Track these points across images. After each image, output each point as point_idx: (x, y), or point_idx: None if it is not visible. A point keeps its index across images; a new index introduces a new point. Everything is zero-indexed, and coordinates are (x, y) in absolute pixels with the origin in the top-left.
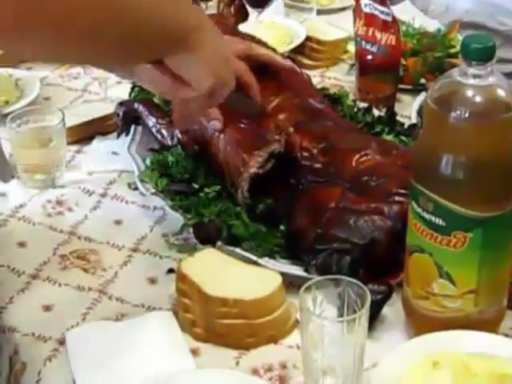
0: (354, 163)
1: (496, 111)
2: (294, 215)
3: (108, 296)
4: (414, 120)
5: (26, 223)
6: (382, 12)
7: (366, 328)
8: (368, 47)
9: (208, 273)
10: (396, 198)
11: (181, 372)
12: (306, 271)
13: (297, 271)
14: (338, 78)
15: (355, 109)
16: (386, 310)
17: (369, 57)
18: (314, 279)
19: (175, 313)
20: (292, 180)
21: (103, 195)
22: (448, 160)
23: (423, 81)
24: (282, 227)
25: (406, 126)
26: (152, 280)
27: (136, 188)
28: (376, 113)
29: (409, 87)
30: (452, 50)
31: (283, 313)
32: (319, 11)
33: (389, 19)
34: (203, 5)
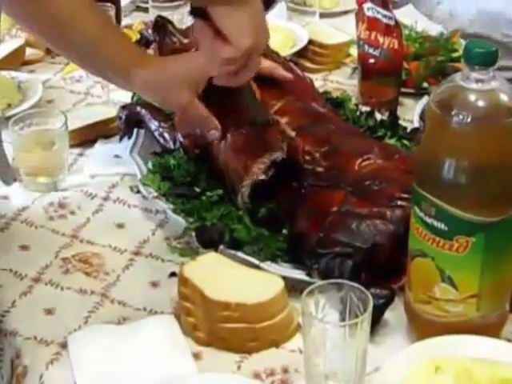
0: (357, 167)
1: (498, 116)
2: (296, 219)
3: (110, 299)
4: (417, 124)
5: (29, 226)
6: (385, 16)
7: (368, 332)
8: (370, 51)
9: (210, 277)
10: (398, 203)
11: (183, 376)
12: (308, 275)
13: (299, 275)
14: (341, 82)
15: (357, 113)
16: (388, 315)
17: (371, 60)
18: (316, 283)
19: (177, 316)
20: (294, 184)
21: (105, 198)
22: (450, 164)
23: (426, 85)
24: (285, 231)
25: (409, 130)
26: (154, 284)
27: (138, 191)
28: (378, 117)
29: (411, 91)
30: (454, 54)
31: (285, 317)
32: (322, 14)
33: (391, 23)
34: None
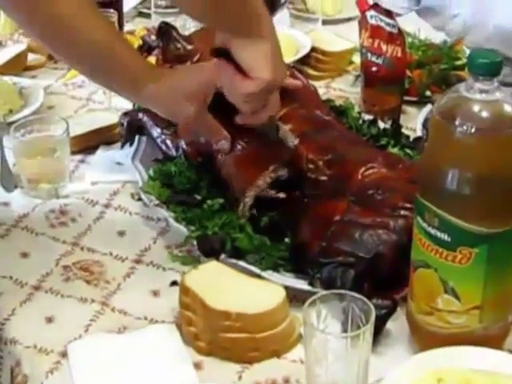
0: (360, 176)
1: (502, 126)
2: (299, 228)
3: (111, 308)
4: (420, 132)
5: (29, 233)
6: (388, 24)
7: (371, 343)
8: (373, 59)
9: (211, 286)
10: (401, 212)
11: None
12: (311, 285)
13: (301, 285)
14: (344, 90)
15: (360, 121)
16: (391, 325)
17: (374, 68)
18: (318, 294)
19: (178, 326)
20: (297, 193)
21: (107, 206)
22: (454, 175)
23: (429, 93)
24: (287, 240)
25: (412, 139)
26: (155, 292)
27: (140, 199)
28: (381, 125)
29: (414, 99)
30: (458, 62)
31: (287, 327)
32: (325, 21)
33: (394, 31)
34: None
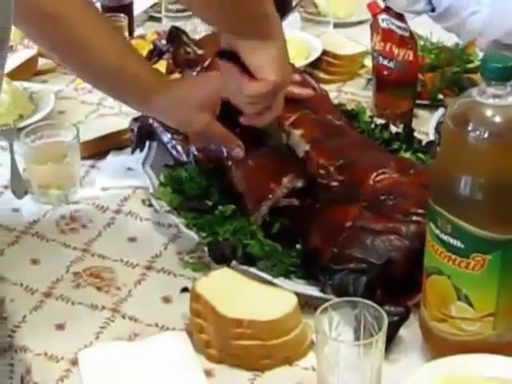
0: (372, 181)
1: None
2: (310, 234)
3: (121, 315)
4: (432, 136)
5: (40, 240)
6: (400, 27)
7: (383, 351)
8: (385, 63)
9: (222, 293)
10: (414, 218)
11: None
12: (322, 291)
13: (312, 291)
14: (355, 93)
15: (372, 125)
16: (403, 332)
17: (386, 72)
18: (330, 301)
19: (189, 333)
20: (308, 199)
21: (117, 212)
22: (466, 181)
23: (441, 96)
24: (298, 246)
25: (424, 143)
26: (166, 299)
27: (150, 205)
28: (393, 129)
29: (426, 103)
30: (470, 65)
31: (298, 334)
32: (336, 25)
33: (406, 34)
34: None
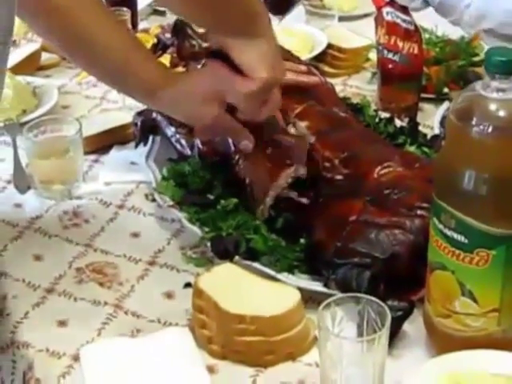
0: (376, 175)
1: None
2: (314, 229)
3: (124, 311)
4: (437, 130)
5: (42, 235)
6: (404, 20)
7: (386, 347)
8: (390, 56)
9: (225, 288)
10: (418, 212)
11: None
12: (326, 286)
13: (316, 287)
14: (360, 87)
15: (377, 119)
16: (407, 327)
17: (390, 66)
18: (334, 297)
19: (192, 329)
20: (312, 192)
21: (120, 207)
22: (470, 176)
23: (446, 90)
24: (302, 241)
25: (429, 137)
26: (169, 295)
27: (154, 199)
28: (398, 123)
29: (431, 96)
30: (475, 58)
31: (302, 330)
32: (341, 18)
33: (411, 28)
34: None
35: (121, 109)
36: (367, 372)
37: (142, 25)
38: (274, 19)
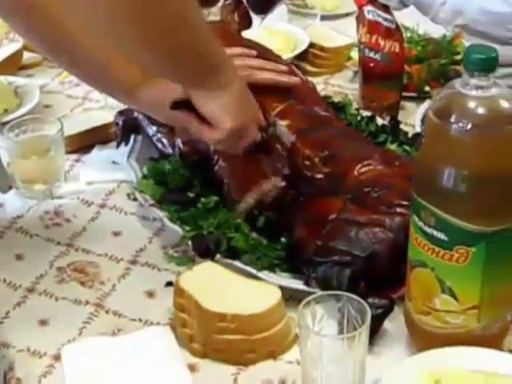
0: (356, 173)
1: (499, 123)
2: (295, 227)
3: (105, 310)
4: (419, 129)
5: (24, 235)
6: (386, 19)
7: (367, 345)
8: (371, 55)
9: (206, 287)
10: (398, 210)
11: None
12: (306, 284)
13: (297, 285)
14: (342, 86)
15: (358, 117)
16: (388, 325)
17: (372, 64)
18: (314, 295)
19: (173, 327)
20: (292, 191)
21: (102, 206)
22: (450, 173)
23: (428, 88)
24: (283, 239)
25: (410, 135)
26: (150, 293)
27: (135, 199)
28: (379, 122)
29: (413, 95)
30: (457, 57)
31: (282, 328)
32: (323, 17)
33: (392, 26)
34: (205, 11)
35: (103, 108)
36: (348, 369)
37: None
38: (257, 18)
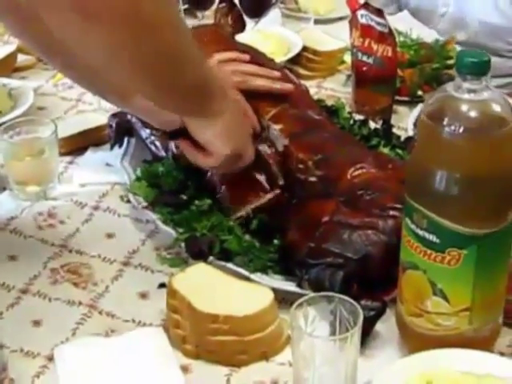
0: (349, 176)
1: (491, 126)
2: (288, 229)
3: (98, 311)
4: (411, 132)
5: (17, 236)
6: (379, 23)
7: (359, 346)
8: (364, 59)
9: (199, 288)
10: (391, 213)
11: None
12: (299, 286)
13: (289, 287)
14: (335, 89)
15: (351, 121)
16: (380, 327)
17: (365, 68)
18: (306, 296)
19: (166, 329)
20: (286, 194)
21: (95, 208)
22: (442, 176)
23: (420, 92)
24: (276, 241)
25: (403, 139)
26: (143, 295)
27: (129, 201)
28: (372, 125)
29: (406, 99)
30: (450, 61)
31: (275, 329)
32: (316, 21)
33: (385, 30)
34: (199, 14)
35: (96, 110)
36: (340, 371)
37: None
38: (250, 22)
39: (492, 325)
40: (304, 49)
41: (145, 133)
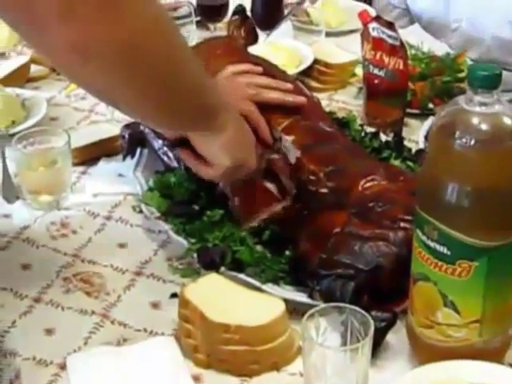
0: (361, 188)
1: (502, 139)
2: (299, 240)
3: (110, 320)
4: (422, 145)
5: (30, 245)
6: (390, 36)
7: (369, 357)
8: (376, 71)
9: (211, 298)
10: (401, 224)
11: None
12: (310, 297)
13: (301, 298)
14: (346, 102)
15: (362, 133)
16: (391, 338)
17: (376, 81)
18: (317, 307)
19: (177, 338)
20: (297, 205)
21: (108, 218)
22: (453, 188)
23: (431, 105)
24: (288, 252)
25: (414, 152)
26: (155, 304)
27: (141, 211)
28: (383, 138)
29: (417, 112)
30: (461, 75)
31: (286, 340)
32: (328, 33)
33: (397, 43)
34: (212, 26)
35: (109, 121)
36: (351, 382)
37: None
38: (262, 34)
39: (502, 336)
40: (315, 61)
41: (157, 143)
